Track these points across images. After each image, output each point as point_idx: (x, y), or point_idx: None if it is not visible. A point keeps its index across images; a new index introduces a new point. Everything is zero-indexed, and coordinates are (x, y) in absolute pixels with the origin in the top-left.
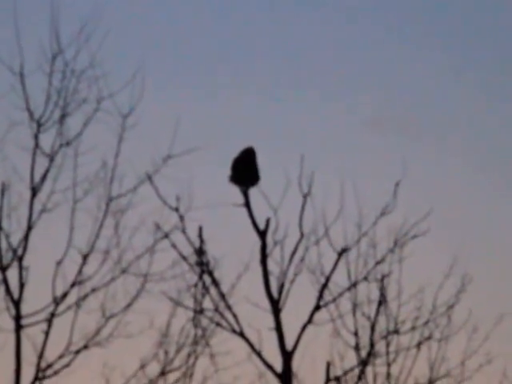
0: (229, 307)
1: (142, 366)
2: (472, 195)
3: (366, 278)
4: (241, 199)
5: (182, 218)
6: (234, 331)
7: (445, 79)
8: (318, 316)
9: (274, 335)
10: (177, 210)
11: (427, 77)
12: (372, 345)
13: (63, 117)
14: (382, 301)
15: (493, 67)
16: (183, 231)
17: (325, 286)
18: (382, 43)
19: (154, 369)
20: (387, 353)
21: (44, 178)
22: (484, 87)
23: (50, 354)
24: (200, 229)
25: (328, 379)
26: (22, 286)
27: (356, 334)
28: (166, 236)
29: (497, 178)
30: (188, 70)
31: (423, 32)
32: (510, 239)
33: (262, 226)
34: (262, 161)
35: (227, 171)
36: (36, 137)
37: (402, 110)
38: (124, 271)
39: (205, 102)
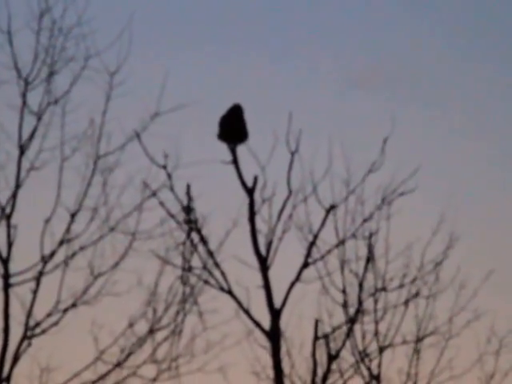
0: (217, 265)
1: (131, 325)
2: (460, 152)
3: (353, 236)
4: (229, 156)
5: (169, 175)
6: (222, 289)
7: (431, 33)
8: (306, 273)
9: (262, 293)
10: (164, 167)
11: (411, 31)
12: (360, 302)
13: (51, 75)
14: (370, 258)
15: (484, 26)
16: (171, 189)
17: (313, 243)
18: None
19: (142, 327)
20: (375, 310)
21: (32, 136)
22: (473, 46)
23: (39, 313)
24: (188, 186)
25: (316, 337)
26: (10, 244)
27: (344, 291)
28: (154, 194)
29: (485, 135)
30: (176, 26)
31: None
32: (497, 195)
33: (250, 184)
34: (249, 118)
35: (215, 128)
36: (24, 95)
37: (389, 67)
38: (112, 229)
39: (193, 59)
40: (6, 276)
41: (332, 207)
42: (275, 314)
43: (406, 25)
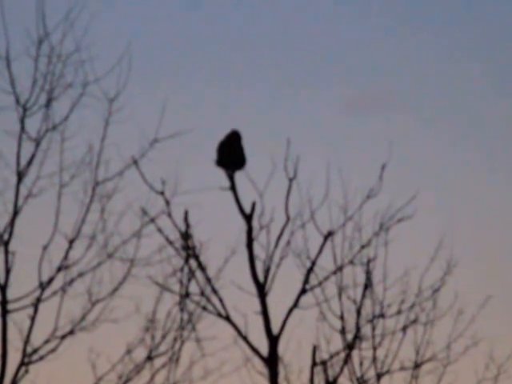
0: (215, 291)
1: (129, 351)
2: (458, 178)
3: (351, 262)
4: (227, 183)
5: (167, 202)
6: (220, 315)
7: (428, 58)
8: (303, 300)
9: (260, 319)
10: (162, 193)
11: (408, 56)
12: (358, 328)
13: (49, 101)
14: (368, 284)
15: (485, 45)
16: (169, 215)
17: (311, 269)
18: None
19: (140, 354)
20: (373, 336)
21: (30, 162)
22: (472, 67)
23: (36, 339)
24: (186, 213)
25: (314, 363)
26: (8, 271)
27: (342, 317)
28: (152, 220)
29: (485, 161)
30: (174, 53)
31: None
32: (495, 222)
33: (248, 210)
34: (247, 144)
35: (213, 155)
36: (22, 121)
37: (386, 93)
38: (110, 256)
39: (191, 86)
40: (4, 302)
41: (330, 233)
42: (273, 340)
43: (403, 50)
